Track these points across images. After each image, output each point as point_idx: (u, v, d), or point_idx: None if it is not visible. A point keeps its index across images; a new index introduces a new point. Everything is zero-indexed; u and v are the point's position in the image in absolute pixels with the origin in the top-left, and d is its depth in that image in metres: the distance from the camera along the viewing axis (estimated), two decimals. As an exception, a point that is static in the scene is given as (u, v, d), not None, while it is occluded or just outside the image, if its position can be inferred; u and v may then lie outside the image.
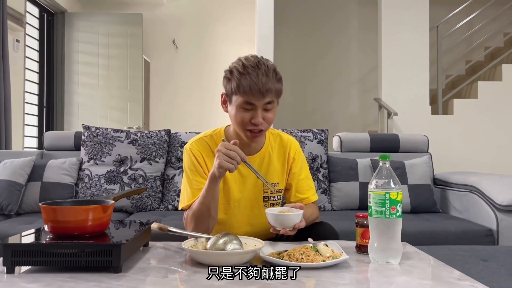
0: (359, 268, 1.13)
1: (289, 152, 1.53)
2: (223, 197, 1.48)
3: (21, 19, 4.12)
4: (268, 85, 1.31)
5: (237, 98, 1.34)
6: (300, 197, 1.54)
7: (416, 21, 4.23)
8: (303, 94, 5.63)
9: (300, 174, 1.54)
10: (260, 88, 1.30)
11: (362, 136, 2.87)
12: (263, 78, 1.30)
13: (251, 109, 1.34)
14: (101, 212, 1.13)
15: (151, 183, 2.54)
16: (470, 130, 4.16)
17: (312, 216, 1.47)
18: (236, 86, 1.32)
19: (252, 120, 1.34)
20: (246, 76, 1.30)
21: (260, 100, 1.32)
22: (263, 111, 1.34)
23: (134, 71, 5.12)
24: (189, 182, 1.46)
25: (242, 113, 1.35)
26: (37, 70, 4.83)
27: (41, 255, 1.04)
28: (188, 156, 1.47)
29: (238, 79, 1.31)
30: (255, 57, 1.37)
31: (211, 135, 1.49)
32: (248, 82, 1.30)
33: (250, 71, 1.31)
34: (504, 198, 2.12)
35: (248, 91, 1.30)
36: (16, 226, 2.11)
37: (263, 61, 1.36)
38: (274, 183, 1.50)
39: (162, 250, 1.31)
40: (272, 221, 1.27)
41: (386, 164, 1.18)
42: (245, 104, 1.33)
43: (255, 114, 1.33)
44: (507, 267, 1.32)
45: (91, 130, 2.62)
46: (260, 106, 1.33)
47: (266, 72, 1.32)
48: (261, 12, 4.16)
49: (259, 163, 1.47)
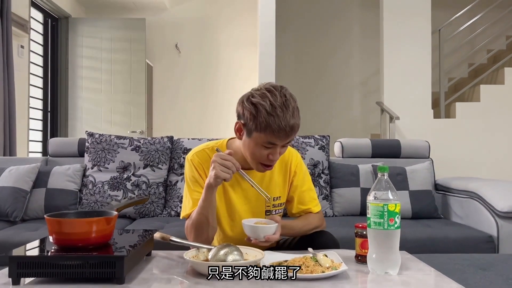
0: (358, 279, 1.15)
1: (291, 165, 1.54)
2: (227, 215, 1.51)
3: (26, 25, 4.16)
4: (294, 127, 1.30)
5: (259, 136, 1.31)
6: (302, 208, 1.56)
7: (418, 24, 4.24)
8: (306, 98, 5.65)
9: (302, 186, 1.56)
10: (287, 131, 1.29)
11: (363, 142, 2.89)
12: (291, 120, 1.29)
13: (271, 147, 1.33)
14: (105, 224, 1.15)
15: (154, 189, 2.57)
16: (472, 134, 4.17)
17: (306, 227, 1.51)
18: (263, 127, 1.29)
19: (270, 156, 1.35)
20: (275, 119, 1.27)
21: (284, 141, 1.32)
22: (281, 148, 1.36)
23: (137, 75, 5.16)
24: (190, 191, 1.49)
25: (261, 150, 1.34)
26: (41, 75, 4.87)
27: (46, 266, 1.06)
28: (189, 167, 1.50)
29: (266, 120, 1.28)
30: (278, 92, 1.31)
31: (213, 147, 1.48)
32: (276, 125, 1.27)
33: (278, 112, 1.27)
34: (505, 205, 2.13)
35: (276, 134, 1.29)
36: (21, 233, 2.13)
37: (288, 97, 1.31)
38: (276, 197, 1.53)
39: (165, 260, 1.33)
40: (246, 231, 1.35)
41: (385, 176, 1.20)
42: (268, 143, 1.32)
43: (274, 152, 1.34)
44: (504, 276, 1.33)
45: (94, 137, 2.65)
46: (280, 145, 1.34)
47: (293, 113, 1.30)
48: (264, 18, 4.18)
49: (260, 178, 1.48)
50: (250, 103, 1.32)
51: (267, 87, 1.33)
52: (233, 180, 1.46)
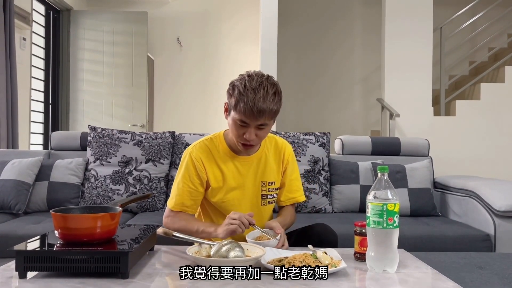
0: (356, 276, 1.18)
1: (284, 154, 1.66)
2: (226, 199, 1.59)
3: (28, 17, 4.16)
4: (263, 109, 1.39)
5: (234, 114, 1.44)
6: (290, 196, 1.68)
7: (420, 22, 4.24)
8: (307, 94, 5.66)
9: (291, 174, 1.68)
10: (254, 112, 1.39)
11: (363, 139, 2.91)
12: (259, 102, 1.38)
13: (245, 126, 1.44)
14: (109, 220, 1.18)
15: (156, 184, 2.59)
16: (472, 132, 4.19)
17: (288, 222, 1.61)
18: (234, 105, 1.43)
19: (245, 135, 1.45)
20: (244, 98, 1.39)
21: (254, 121, 1.42)
22: (256, 129, 1.45)
23: (138, 68, 5.16)
24: (181, 181, 1.55)
25: (237, 128, 1.46)
26: (43, 68, 4.88)
27: (52, 261, 1.09)
28: (189, 161, 1.56)
29: (237, 99, 1.41)
30: (259, 77, 1.43)
31: (211, 138, 1.60)
32: (244, 104, 1.39)
33: (249, 93, 1.39)
34: (502, 204, 2.15)
35: (243, 112, 1.40)
36: (25, 225, 2.16)
37: (265, 83, 1.41)
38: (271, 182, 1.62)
39: (167, 255, 1.36)
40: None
41: (385, 176, 1.22)
42: (240, 122, 1.44)
43: (249, 131, 1.44)
44: (500, 275, 1.36)
45: (97, 131, 2.67)
46: (253, 126, 1.44)
47: (264, 96, 1.39)
48: (265, 13, 4.18)
49: (257, 163, 1.60)
50: (231, 84, 1.47)
51: (250, 72, 1.47)
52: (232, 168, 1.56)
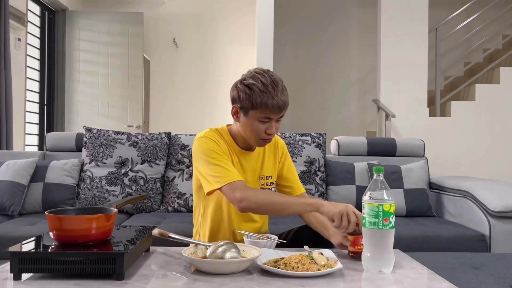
0: (352, 277, 1.18)
1: (279, 148, 1.74)
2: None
3: (23, 17, 4.15)
4: (286, 101, 1.50)
5: (256, 113, 1.50)
6: (290, 185, 1.72)
7: (416, 23, 4.26)
8: (303, 94, 5.66)
9: (288, 165, 1.75)
10: (280, 106, 1.48)
11: (359, 140, 2.92)
12: (282, 96, 1.48)
13: (267, 121, 1.51)
14: (105, 221, 1.17)
15: (152, 185, 2.59)
16: (467, 133, 4.20)
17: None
18: (258, 103, 1.47)
19: (268, 131, 1.52)
20: (267, 95, 1.46)
21: (277, 115, 1.51)
22: (276, 122, 1.54)
23: (134, 69, 5.15)
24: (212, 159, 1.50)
25: (259, 125, 1.52)
26: (38, 68, 4.86)
27: (47, 262, 1.08)
28: (206, 141, 1.55)
29: (259, 97, 1.47)
30: (266, 73, 1.50)
31: (216, 129, 1.64)
32: (270, 100, 1.47)
33: (270, 89, 1.47)
34: (497, 204, 2.17)
35: (270, 108, 1.47)
36: (19, 227, 2.15)
37: (275, 77, 1.51)
38: (268, 176, 1.68)
39: (163, 256, 1.35)
40: None
41: (380, 177, 1.22)
42: (264, 118, 1.50)
43: (271, 126, 1.52)
44: (495, 275, 1.36)
45: (92, 132, 2.66)
46: (275, 119, 1.52)
47: (282, 89, 1.49)
48: (261, 14, 4.18)
49: (256, 158, 1.67)
50: (243, 85, 1.50)
51: (256, 70, 1.53)
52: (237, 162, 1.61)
